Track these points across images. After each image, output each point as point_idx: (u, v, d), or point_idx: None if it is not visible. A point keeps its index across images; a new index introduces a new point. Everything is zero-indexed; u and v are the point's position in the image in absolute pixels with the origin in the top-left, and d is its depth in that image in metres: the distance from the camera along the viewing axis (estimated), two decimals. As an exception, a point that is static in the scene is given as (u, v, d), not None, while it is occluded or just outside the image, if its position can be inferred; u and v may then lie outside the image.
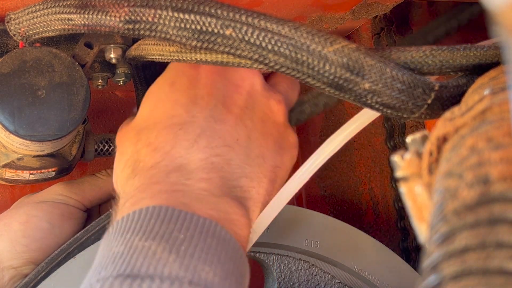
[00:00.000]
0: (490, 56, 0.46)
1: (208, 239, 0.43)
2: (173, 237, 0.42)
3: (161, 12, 0.45)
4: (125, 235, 0.43)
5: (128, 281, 0.38)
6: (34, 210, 0.62)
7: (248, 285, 0.47)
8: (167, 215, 0.44)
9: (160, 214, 0.44)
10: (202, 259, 0.42)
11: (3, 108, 0.51)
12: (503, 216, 0.28)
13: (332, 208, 0.93)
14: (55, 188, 0.66)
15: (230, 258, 0.44)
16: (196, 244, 0.43)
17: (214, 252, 0.43)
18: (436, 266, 0.30)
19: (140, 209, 0.44)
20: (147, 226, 0.43)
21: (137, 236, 0.42)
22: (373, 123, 0.90)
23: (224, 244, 0.44)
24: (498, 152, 0.31)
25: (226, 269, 0.43)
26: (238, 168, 0.51)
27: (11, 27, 0.52)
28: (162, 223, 0.43)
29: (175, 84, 0.54)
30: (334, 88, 0.44)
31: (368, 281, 0.71)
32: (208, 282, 0.41)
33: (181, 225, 0.43)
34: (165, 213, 0.44)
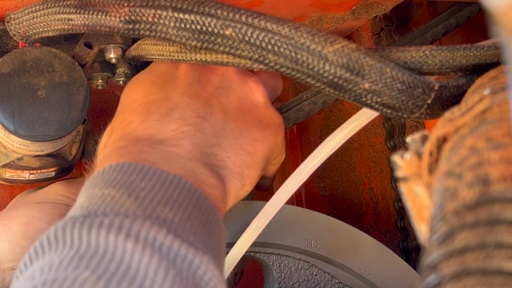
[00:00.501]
0: (490, 56, 0.46)
1: (170, 188, 0.43)
2: (134, 185, 0.42)
3: (161, 12, 0.45)
4: (86, 189, 0.43)
5: (80, 219, 0.38)
6: (33, 211, 0.62)
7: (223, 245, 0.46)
8: (129, 169, 0.44)
9: (123, 168, 0.44)
10: (162, 203, 0.41)
11: (3, 108, 0.51)
12: (503, 216, 0.28)
13: (332, 208, 0.93)
14: (54, 188, 0.65)
15: (194, 205, 0.43)
16: (157, 191, 0.42)
17: (175, 199, 0.43)
18: (435, 265, 0.30)
19: (103, 168, 0.45)
20: (109, 178, 0.43)
21: (97, 187, 0.42)
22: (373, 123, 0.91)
23: (188, 194, 0.44)
24: (498, 152, 0.31)
25: (188, 212, 0.42)
26: (212, 137, 0.51)
27: (11, 27, 0.52)
28: (124, 175, 0.43)
29: (153, 70, 0.55)
30: (334, 88, 0.44)
31: (368, 281, 0.71)
32: (167, 220, 0.40)
33: (143, 176, 0.43)
34: (128, 167, 0.44)
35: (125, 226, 0.37)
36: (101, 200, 0.41)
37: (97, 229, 0.37)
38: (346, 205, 0.93)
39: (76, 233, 0.37)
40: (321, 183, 0.93)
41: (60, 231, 0.38)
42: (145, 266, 0.36)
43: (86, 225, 0.37)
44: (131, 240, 0.37)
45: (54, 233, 0.38)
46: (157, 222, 0.39)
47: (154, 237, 0.38)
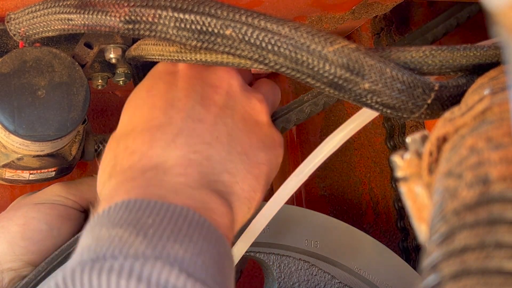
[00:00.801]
0: (490, 56, 0.46)
1: (179, 222, 0.42)
2: (141, 222, 0.41)
3: (161, 12, 0.45)
4: (93, 229, 0.42)
5: (89, 264, 0.37)
6: (32, 212, 0.62)
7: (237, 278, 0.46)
8: (136, 206, 0.43)
9: (129, 205, 0.43)
10: (171, 239, 0.41)
11: (3, 108, 0.51)
12: (503, 216, 0.28)
13: (332, 208, 0.93)
14: (52, 189, 0.65)
15: (204, 238, 0.43)
16: (165, 227, 0.42)
17: (185, 233, 0.42)
18: (435, 265, 0.30)
19: (110, 205, 0.44)
20: (116, 217, 0.42)
21: (104, 227, 0.42)
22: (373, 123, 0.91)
23: (198, 226, 0.43)
24: (497, 152, 0.31)
25: (199, 247, 0.42)
26: (219, 164, 0.50)
27: (11, 27, 0.52)
28: (130, 213, 0.42)
29: (152, 89, 0.53)
30: (334, 88, 0.44)
31: (368, 281, 0.71)
32: (178, 257, 0.40)
33: (150, 212, 0.43)
34: (134, 204, 0.43)
35: (135, 269, 0.37)
36: (108, 241, 0.40)
37: (107, 274, 0.37)
38: (346, 205, 0.93)
39: (86, 279, 0.37)
40: (321, 183, 0.93)
41: (69, 278, 0.37)
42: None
43: (96, 270, 0.37)
44: (143, 284, 0.36)
45: (63, 280, 0.37)
46: (168, 262, 0.39)
47: (166, 279, 0.37)
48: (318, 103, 0.62)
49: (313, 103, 0.62)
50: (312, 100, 0.62)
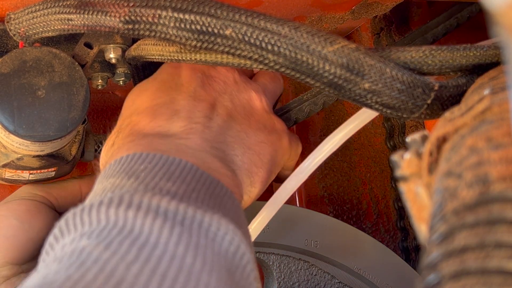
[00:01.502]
0: (490, 56, 0.46)
1: (171, 168, 0.43)
2: (133, 169, 0.43)
3: (161, 12, 0.45)
4: (93, 188, 0.44)
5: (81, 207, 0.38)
6: (1, 210, 0.62)
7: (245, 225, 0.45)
8: (131, 158, 0.44)
9: (127, 158, 0.44)
10: (163, 179, 0.41)
11: (3, 108, 0.51)
12: (502, 216, 0.28)
13: (332, 208, 0.93)
14: (22, 188, 0.66)
15: (198, 180, 0.43)
16: (157, 171, 0.42)
17: (178, 175, 0.42)
18: (435, 265, 0.30)
19: (110, 163, 0.45)
20: (113, 170, 0.43)
21: (100, 183, 0.43)
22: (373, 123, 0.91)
23: (191, 171, 0.44)
24: (497, 152, 0.31)
25: (192, 186, 0.42)
26: (220, 135, 0.51)
27: (11, 27, 0.52)
28: (124, 164, 0.44)
29: (157, 78, 0.56)
30: (333, 88, 0.44)
31: (368, 281, 0.71)
32: (171, 191, 0.40)
33: (143, 160, 0.43)
34: (132, 157, 0.44)
35: (125, 199, 0.38)
36: (101, 190, 0.41)
37: (97, 208, 0.38)
38: (346, 205, 0.93)
39: (77, 219, 0.38)
40: (321, 183, 0.93)
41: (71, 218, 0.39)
42: (148, 228, 0.36)
43: (86, 210, 0.38)
44: (132, 209, 0.37)
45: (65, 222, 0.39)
46: (159, 193, 0.39)
47: (158, 204, 0.38)
48: (317, 102, 0.62)
49: (313, 102, 0.62)
50: (311, 100, 0.62)
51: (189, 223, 0.37)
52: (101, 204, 0.38)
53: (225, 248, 0.38)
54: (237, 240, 0.39)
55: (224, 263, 0.37)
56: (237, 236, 0.39)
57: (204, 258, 0.36)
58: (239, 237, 0.39)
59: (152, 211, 0.37)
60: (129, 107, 0.55)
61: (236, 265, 0.38)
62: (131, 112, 0.54)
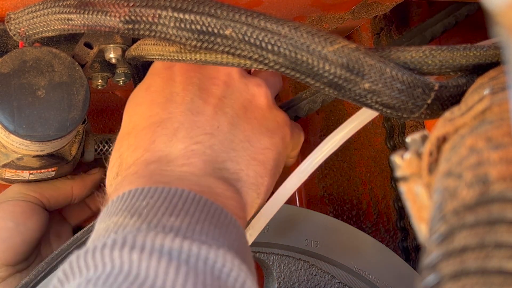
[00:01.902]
0: (490, 56, 0.46)
1: (174, 200, 0.42)
2: (136, 206, 0.42)
3: (161, 12, 0.45)
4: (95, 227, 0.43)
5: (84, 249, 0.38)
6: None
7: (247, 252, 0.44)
8: (133, 193, 0.43)
9: (129, 194, 0.43)
10: (166, 214, 0.41)
11: (3, 108, 0.51)
12: (502, 216, 0.28)
13: (332, 208, 0.93)
14: (13, 188, 0.65)
15: (201, 211, 0.42)
16: (159, 206, 0.42)
17: (181, 208, 0.42)
18: (435, 265, 0.30)
19: (112, 199, 0.44)
20: (116, 208, 0.43)
21: (102, 221, 0.42)
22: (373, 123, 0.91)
23: (194, 202, 0.43)
24: (497, 152, 0.31)
25: (196, 218, 0.41)
26: (222, 152, 0.50)
27: (11, 27, 0.52)
28: (126, 201, 0.43)
29: (151, 87, 0.54)
30: (333, 88, 0.44)
31: (368, 281, 0.71)
32: (174, 227, 0.39)
33: (145, 196, 0.43)
34: (134, 193, 0.43)
35: (128, 240, 0.37)
36: (104, 230, 0.40)
37: (100, 251, 0.37)
38: (346, 205, 0.93)
39: (82, 262, 0.37)
40: (321, 183, 0.93)
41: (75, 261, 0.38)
42: (154, 271, 0.35)
43: (90, 252, 0.37)
44: (136, 251, 0.36)
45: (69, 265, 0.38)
46: (162, 231, 0.39)
47: (161, 243, 0.37)
48: (316, 101, 0.62)
49: (311, 101, 0.62)
50: (310, 98, 0.62)
51: (194, 261, 0.37)
52: (105, 246, 0.37)
53: (231, 284, 0.37)
54: (243, 277, 0.38)
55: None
56: (243, 271, 0.38)
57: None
58: (244, 272, 0.38)
59: (156, 252, 0.36)
60: (127, 125, 0.53)
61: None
62: (129, 131, 0.52)
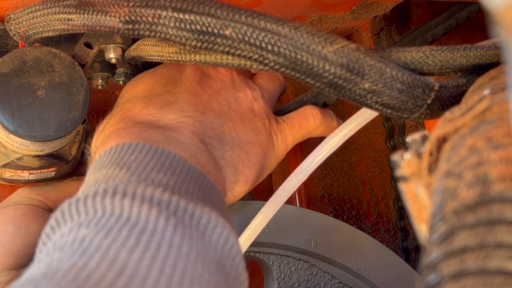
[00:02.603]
0: (490, 56, 0.46)
1: (161, 159, 0.44)
2: (124, 160, 0.43)
3: (161, 12, 0.45)
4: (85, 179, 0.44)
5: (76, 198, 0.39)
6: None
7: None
8: (121, 147, 0.45)
9: (117, 148, 0.45)
10: (154, 170, 0.42)
11: (3, 108, 0.51)
12: (502, 216, 0.28)
13: (332, 208, 0.93)
14: (18, 192, 0.66)
15: (187, 172, 0.44)
16: (148, 161, 0.43)
17: (168, 167, 0.43)
18: (435, 265, 0.30)
19: (100, 153, 0.46)
20: (104, 161, 0.44)
21: (91, 174, 0.43)
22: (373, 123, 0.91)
23: (180, 163, 0.45)
24: (497, 152, 0.31)
25: (182, 178, 0.43)
26: (210, 130, 0.52)
27: (11, 27, 0.52)
28: (115, 154, 0.44)
29: (156, 71, 0.57)
30: (333, 88, 0.44)
31: (368, 281, 0.71)
32: (162, 182, 0.41)
33: (133, 150, 0.44)
34: (122, 147, 0.45)
35: (119, 189, 0.38)
36: (94, 181, 0.42)
37: (92, 199, 0.38)
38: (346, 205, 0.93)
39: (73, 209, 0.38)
40: (321, 183, 0.93)
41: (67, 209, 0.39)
42: (145, 216, 0.36)
43: (81, 200, 0.39)
44: (128, 199, 0.37)
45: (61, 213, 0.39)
46: (152, 184, 0.40)
47: (151, 195, 0.39)
48: (317, 103, 0.62)
49: (313, 103, 0.62)
50: (311, 100, 0.62)
51: (181, 214, 0.38)
52: (96, 194, 0.38)
53: (215, 240, 0.39)
54: (226, 233, 0.40)
55: (214, 256, 0.38)
56: (226, 228, 0.40)
57: (197, 250, 0.37)
58: (228, 229, 0.40)
59: (146, 201, 0.38)
60: (125, 95, 0.56)
61: (226, 257, 0.39)
62: (126, 99, 0.54)
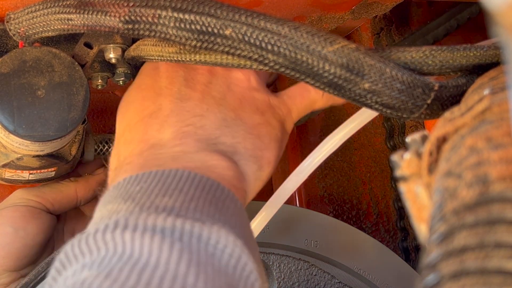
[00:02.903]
0: (490, 56, 0.46)
1: (167, 181, 0.43)
2: (129, 192, 0.42)
3: (161, 12, 0.45)
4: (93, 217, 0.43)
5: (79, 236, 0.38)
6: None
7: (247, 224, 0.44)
8: (127, 181, 0.43)
9: (124, 182, 0.44)
10: (159, 196, 0.41)
11: (3, 108, 0.51)
12: (502, 216, 0.28)
13: (332, 208, 0.93)
14: (16, 194, 0.66)
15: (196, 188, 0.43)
16: (152, 188, 0.42)
17: (174, 187, 0.42)
18: (435, 265, 0.30)
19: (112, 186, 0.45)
20: (110, 196, 0.43)
21: (98, 211, 0.42)
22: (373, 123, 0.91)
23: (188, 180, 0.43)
24: (497, 152, 0.31)
25: (190, 196, 0.41)
26: (215, 130, 0.51)
27: (11, 27, 0.52)
28: (121, 188, 0.43)
29: (141, 85, 0.55)
30: (333, 88, 0.44)
31: (368, 281, 0.71)
32: (167, 207, 0.39)
33: (139, 181, 0.43)
34: (129, 180, 0.44)
35: (120, 223, 0.37)
36: (99, 218, 0.41)
37: (93, 236, 0.37)
38: (346, 205, 0.93)
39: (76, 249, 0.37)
40: (321, 183, 0.93)
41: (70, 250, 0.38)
42: (148, 248, 0.35)
43: (83, 239, 0.37)
44: (128, 231, 0.36)
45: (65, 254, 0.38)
46: (155, 212, 0.39)
47: (153, 223, 0.37)
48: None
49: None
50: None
51: (187, 238, 0.37)
52: (97, 231, 0.37)
53: (225, 262, 0.37)
54: (238, 252, 0.38)
55: (225, 279, 0.36)
56: (238, 247, 0.38)
57: (206, 276, 0.35)
58: (239, 248, 0.38)
59: (148, 231, 0.36)
60: (121, 123, 0.54)
61: (238, 279, 0.37)
62: (124, 128, 0.53)
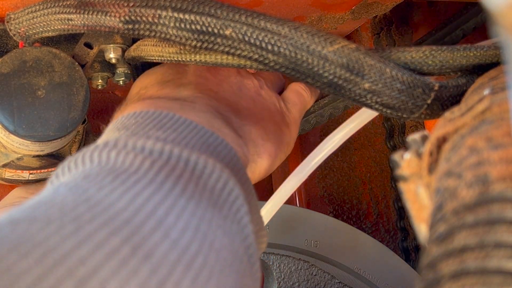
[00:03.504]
0: (490, 56, 0.46)
1: (163, 120, 0.43)
2: (127, 124, 0.43)
3: (161, 12, 0.45)
4: None
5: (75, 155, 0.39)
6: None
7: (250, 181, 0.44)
8: (129, 115, 0.44)
9: (124, 117, 0.45)
10: (153, 129, 0.41)
11: (3, 108, 0.51)
12: (502, 215, 0.28)
13: (332, 208, 0.93)
14: (13, 193, 0.66)
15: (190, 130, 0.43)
16: (148, 123, 0.43)
17: (168, 126, 0.42)
18: (435, 265, 0.30)
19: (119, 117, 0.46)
20: (108, 129, 0.44)
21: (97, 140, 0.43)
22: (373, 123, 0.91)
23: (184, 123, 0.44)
24: (497, 152, 0.31)
25: (183, 135, 0.42)
26: (226, 106, 0.51)
27: (11, 27, 0.52)
28: (122, 122, 0.44)
29: (165, 65, 0.56)
30: (333, 88, 0.44)
31: (368, 281, 0.71)
32: (160, 138, 0.40)
33: (137, 116, 0.44)
34: (133, 115, 0.44)
35: (110, 143, 0.38)
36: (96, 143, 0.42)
37: (82, 156, 0.38)
38: (346, 205, 0.93)
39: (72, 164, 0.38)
40: (321, 183, 0.93)
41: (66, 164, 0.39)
42: (130, 162, 0.36)
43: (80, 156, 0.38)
44: (115, 150, 0.37)
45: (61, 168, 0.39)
46: (145, 137, 0.39)
47: (142, 145, 0.38)
48: (323, 114, 0.63)
49: (319, 114, 0.62)
50: (318, 111, 0.62)
51: (175, 161, 0.37)
52: (88, 151, 0.38)
53: (211, 184, 0.37)
54: (225, 177, 0.38)
55: (209, 198, 0.37)
56: (225, 173, 0.38)
57: (184, 187, 0.35)
58: (226, 174, 0.39)
59: (135, 150, 0.37)
60: (137, 85, 0.55)
61: (224, 200, 0.38)
62: (139, 88, 0.54)
